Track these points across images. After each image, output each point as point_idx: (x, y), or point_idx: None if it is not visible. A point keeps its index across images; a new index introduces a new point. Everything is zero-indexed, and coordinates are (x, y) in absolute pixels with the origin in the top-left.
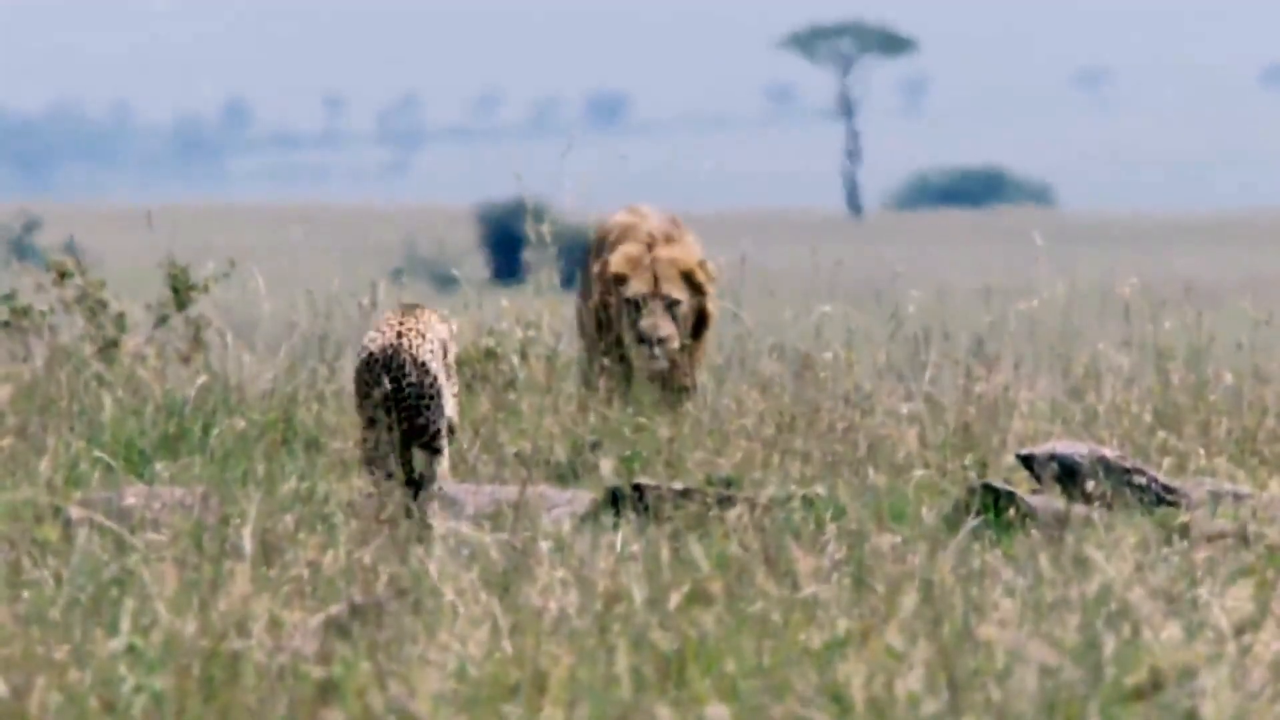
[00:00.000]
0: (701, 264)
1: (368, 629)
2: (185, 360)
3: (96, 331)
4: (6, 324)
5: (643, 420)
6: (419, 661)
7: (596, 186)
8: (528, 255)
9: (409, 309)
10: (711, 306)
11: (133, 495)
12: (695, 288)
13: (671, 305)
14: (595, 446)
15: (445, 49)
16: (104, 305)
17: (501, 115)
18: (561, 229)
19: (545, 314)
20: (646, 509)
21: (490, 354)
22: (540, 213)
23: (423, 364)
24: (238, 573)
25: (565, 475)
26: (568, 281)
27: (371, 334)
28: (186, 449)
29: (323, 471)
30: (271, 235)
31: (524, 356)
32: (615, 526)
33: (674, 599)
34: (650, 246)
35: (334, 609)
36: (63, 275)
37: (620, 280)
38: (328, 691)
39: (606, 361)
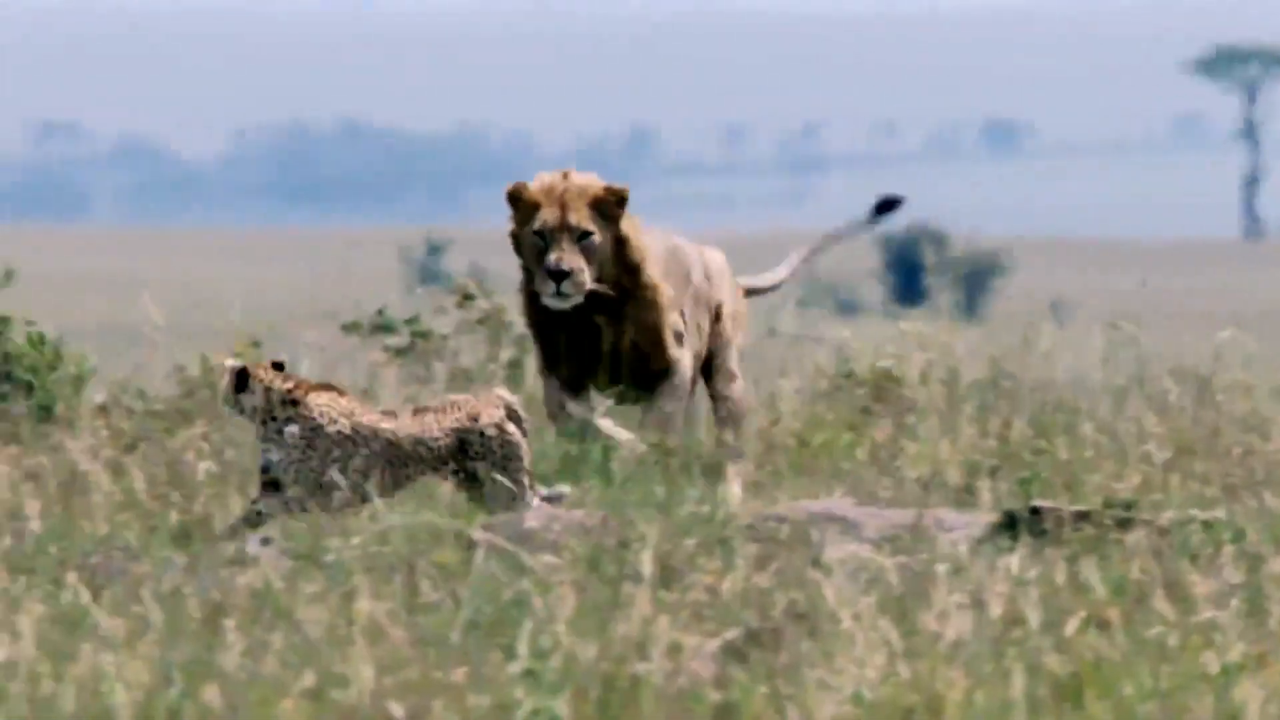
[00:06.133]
0: (609, 188)
1: (765, 653)
2: None
3: (498, 353)
4: (410, 347)
5: (1042, 443)
6: (815, 686)
7: (995, 212)
8: (928, 280)
9: None
10: (627, 229)
11: (533, 518)
12: (605, 216)
13: (582, 238)
14: (994, 471)
15: (844, 77)
16: (507, 327)
17: (901, 142)
18: (961, 255)
19: (945, 338)
20: (1044, 532)
21: (890, 378)
22: (940, 239)
23: None
24: (637, 596)
25: (963, 499)
26: (968, 306)
27: None
28: (587, 471)
29: (722, 495)
30: None
31: (923, 381)
32: (1012, 550)
33: (1070, 623)
34: (566, 175)
35: (731, 633)
36: (466, 297)
37: (530, 209)
38: (725, 716)
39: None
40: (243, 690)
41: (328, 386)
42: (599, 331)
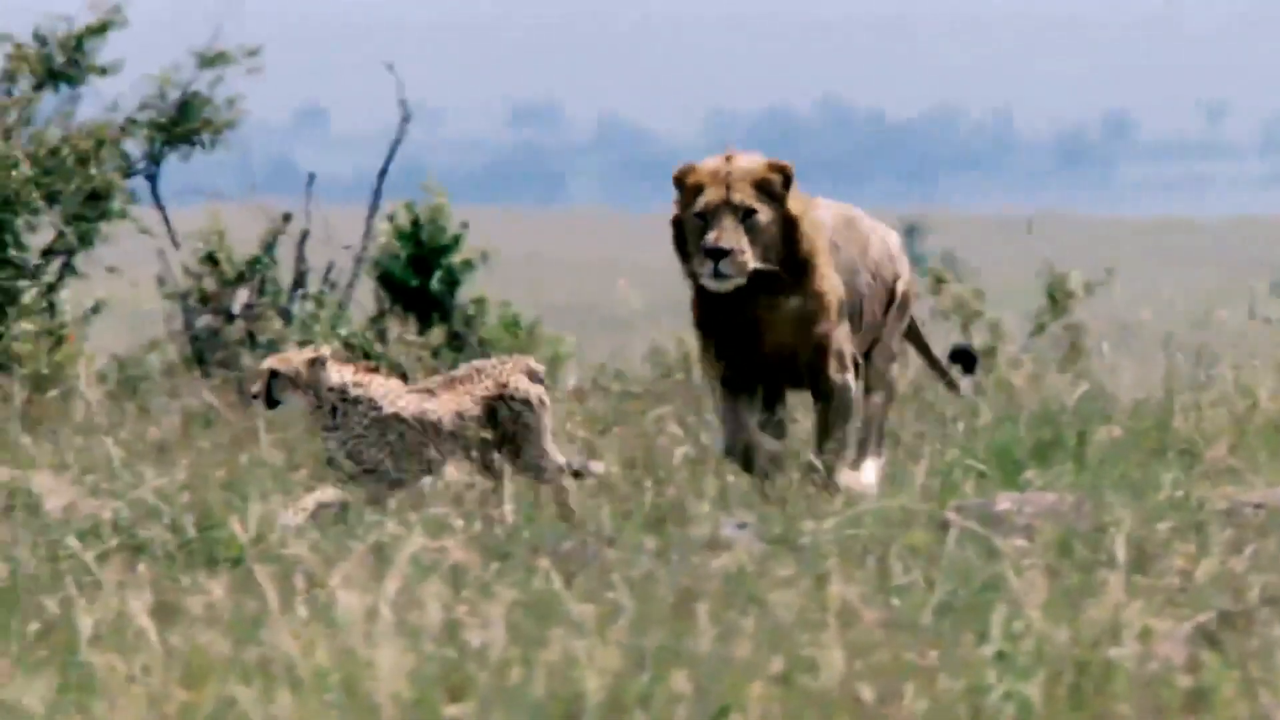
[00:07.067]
0: (772, 164)
1: (1237, 638)
2: (1062, 369)
3: (971, 339)
4: None
5: None
6: None
7: None
8: None
9: None
10: (796, 210)
11: (1005, 501)
12: (771, 195)
13: (746, 216)
14: None
15: None
16: (979, 314)
17: None
18: None
19: None
20: None
21: None
22: None
23: None
24: (1110, 580)
25: None
26: None
27: None
28: (1060, 456)
29: (1197, 479)
30: (1150, 245)
31: None
32: None
33: None
34: (730, 157)
35: (1203, 617)
36: (938, 281)
37: (693, 192)
38: (1196, 700)
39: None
40: (712, 675)
41: (374, 368)
42: (760, 331)
